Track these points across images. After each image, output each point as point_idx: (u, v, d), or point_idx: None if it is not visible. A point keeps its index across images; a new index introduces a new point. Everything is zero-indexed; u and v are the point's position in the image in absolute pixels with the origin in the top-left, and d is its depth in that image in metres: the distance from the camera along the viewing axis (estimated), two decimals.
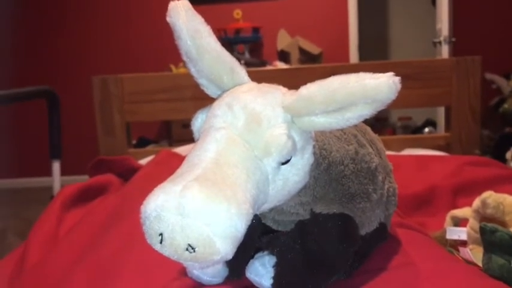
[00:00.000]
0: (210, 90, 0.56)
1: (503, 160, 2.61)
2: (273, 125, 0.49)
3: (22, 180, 4.24)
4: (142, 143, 3.70)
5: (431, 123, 4.23)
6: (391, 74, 0.45)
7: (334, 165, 0.58)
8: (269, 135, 0.48)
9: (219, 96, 0.54)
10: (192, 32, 0.52)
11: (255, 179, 0.47)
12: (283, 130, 0.48)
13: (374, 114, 0.48)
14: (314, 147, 0.54)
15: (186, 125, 3.52)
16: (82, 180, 1.32)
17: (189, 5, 0.53)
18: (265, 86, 0.54)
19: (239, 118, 0.49)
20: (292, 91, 0.52)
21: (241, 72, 0.55)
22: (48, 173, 2.22)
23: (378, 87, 0.45)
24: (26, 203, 3.57)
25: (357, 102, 0.46)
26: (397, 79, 0.45)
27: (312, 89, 0.48)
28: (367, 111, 0.47)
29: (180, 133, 3.60)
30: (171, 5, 0.52)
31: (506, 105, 3.34)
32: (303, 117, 0.49)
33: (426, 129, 4.21)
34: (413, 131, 4.44)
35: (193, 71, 0.54)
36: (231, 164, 0.46)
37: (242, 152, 0.47)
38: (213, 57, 0.53)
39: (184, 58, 0.53)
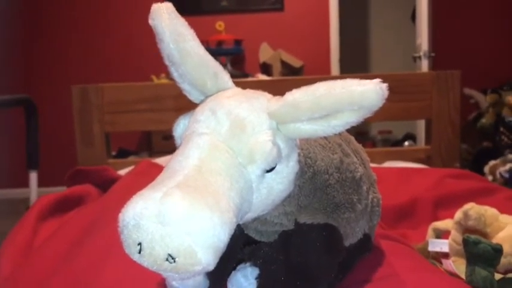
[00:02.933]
0: (193, 95, 0.54)
1: (482, 174, 2.65)
2: (258, 131, 0.48)
3: None
4: (122, 154, 3.65)
5: (411, 136, 4.28)
6: (378, 80, 0.44)
7: (319, 174, 0.56)
8: (254, 141, 0.47)
9: (202, 101, 0.52)
10: (175, 35, 0.50)
11: (239, 187, 0.45)
12: (268, 137, 0.47)
13: (355, 127, 0.47)
14: (299, 155, 0.53)
15: (167, 137, 3.49)
16: (60, 191, 1.28)
17: (172, 8, 0.51)
18: (250, 92, 0.52)
19: (223, 124, 0.48)
20: (278, 97, 0.51)
21: (225, 77, 0.54)
22: (24, 184, 2.16)
23: (365, 93, 0.44)
24: (2, 214, 3.48)
25: (343, 109, 0.45)
26: (384, 86, 0.44)
27: (298, 95, 0.47)
28: (353, 118, 0.46)
29: (161, 145, 3.57)
30: (154, 7, 0.51)
31: (484, 120, 3.40)
32: (288, 123, 0.48)
33: (406, 143, 4.25)
34: (393, 144, 4.48)
35: (175, 75, 0.52)
36: (214, 171, 0.44)
37: (226, 158, 0.46)
38: (196, 61, 0.51)
39: (167, 62, 0.52)
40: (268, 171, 0.48)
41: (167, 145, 3.37)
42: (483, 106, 3.51)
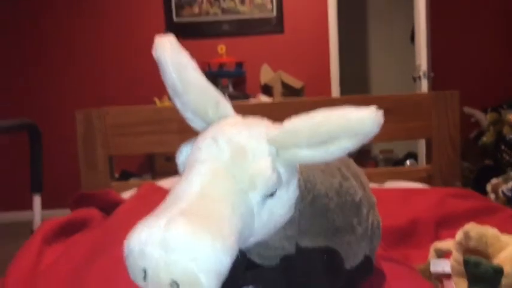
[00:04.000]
0: (195, 123, 0.56)
1: (484, 192, 2.64)
2: (258, 158, 0.49)
3: (2, 215, 4.14)
4: (125, 176, 3.66)
5: (413, 155, 4.28)
6: (374, 107, 0.46)
7: (319, 198, 0.58)
8: (254, 168, 0.48)
9: (204, 129, 0.54)
10: (178, 66, 0.52)
11: (240, 212, 0.47)
12: (268, 163, 0.48)
13: (359, 146, 0.48)
14: (299, 180, 0.54)
15: (170, 158, 3.49)
16: (63, 214, 1.29)
17: (175, 40, 0.53)
18: (250, 120, 0.54)
19: (224, 151, 0.49)
20: (277, 124, 0.52)
21: (226, 105, 0.56)
22: (29, 206, 2.17)
23: (361, 120, 0.45)
24: (6, 237, 3.47)
25: (340, 135, 0.47)
26: (380, 113, 0.46)
27: (297, 123, 0.48)
28: (351, 144, 0.47)
29: (164, 166, 3.57)
30: (157, 40, 0.53)
31: (485, 138, 3.40)
32: (287, 150, 0.50)
33: (407, 162, 4.25)
34: (395, 163, 4.48)
35: (178, 104, 0.54)
36: (216, 197, 0.46)
37: (227, 185, 0.47)
38: (198, 91, 0.53)
39: (170, 92, 0.54)
40: (268, 196, 0.49)
41: (170, 166, 3.35)
42: (484, 124, 3.52)
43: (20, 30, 4.14)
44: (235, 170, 0.48)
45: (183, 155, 0.53)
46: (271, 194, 0.49)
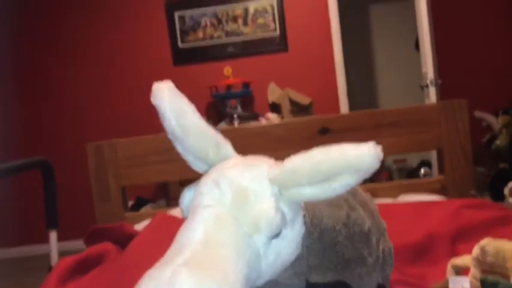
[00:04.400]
0: (197, 166, 0.56)
1: (502, 196, 2.61)
2: (261, 199, 0.49)
3: (21, 249, 4.17)
4: (140, 203, 3.67)
5: (426, 163, 4.24)
6: (372, 143, 0.46)
7: (327, 232, 0.57)
8: (257, 210, 0.48)
9: (206, 171, 0.54)
10: (176, 111, 0.53)
11: (246, 257, 0.47)
12: (271, 204, 0.48)
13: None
14: (304, 216, 0.54)
15: (183, 183, 3.50)
16: (79, 245, 1.30)
17: (172, 86, 0.54)
18: (251, 160, 0.54)
19: (226, 195, 0.49)
20: (278, 163, 0.52)
21: (226, 146, 0.56)
22: (45, 239, 2.19)
23: (360, 157, 0.45)
24: (24, 273, 3.50)
25: (341, 172, 0.47)
26: (379, 148, 0.46)
27: (296, 161, 0.49)
28: (352, 180, 0.47)
29: (177, 191, 3.54)
30: (155, 86, 0.53)
31: (498, 142, 3.37)
32: (290, 189, 0.50)
33: (422, 170, 4.22)
34: (408, 172, 4.44)
35: (179, 149, 0.55)
36: (220, 244, 0.46)
37: (231, 230, 0.47)
38: (197, 135, 0.54)
39: (170, 137, 0.54)
40: (274, 237, 0.49)
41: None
42: (496, 128, 3.49)
43: (29, 66, 4.21)
44: (239, 214, 0.48)
45: (186, 199, 0.53)
46: (277, 235, 0.49)
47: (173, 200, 3.41)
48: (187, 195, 0.53)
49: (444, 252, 1.13)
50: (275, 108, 4.04)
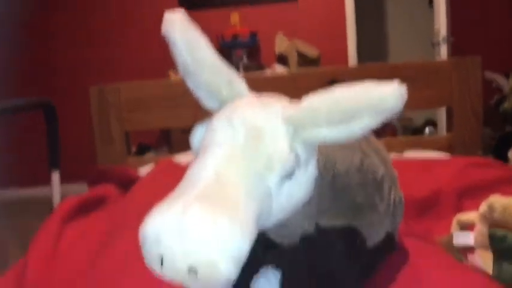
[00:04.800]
0: (209, 103, 0.54)
1: (506, 159, 2.60)
2: (275, 138, 0.47)
3: (22, 191, 4.22)
4: (142, 149, 3.68)
5: (432, 122, 4.22)
6: (397, 83, 0.43)
7: (339, 177, 0.56)
8: (271, 149, 0.46)
9: (218, 109, 0.52)
10: (188, 44, 0.50)
11: (257, 196, 0.45)
12: (285, 144, 0.46)
13: (381, 123, 0.46)
14: (318, 159, 0.52)
15: (186, 131, 3.49)
16: (82, 188, 1.30)
17: (185, 16, 0.51)
18: (265, 98, 0.52)
19: (239, 133, 0.47)
20: (294, 102, 0.50)
21: (240, 83, 0.53)
22: (47, 181, 2.20)
23: (384, 97, 0.43)
24: (26, 214, 3.54)
25: (362, 113, 0.44)
26: (404, 89, 0.43)
27: (315, 100, 0.46)
28: (373, 121, 0.45)
29: (180, 138, 3.58)
30: (166, 16, 0.50)
31: (506, 105, 3.32)
32: (305, 129, 0.47)
33: (427, 129, 4.20)
34: (413, 131, 4.43)
35: (190, 84, 0.52)
36: (232, 181, 0.44)
37: (243, 167, 0.45)
38: (210, 70, 0.51)
39: (181, 71, 0.51)
40: (286, 178, 0.47)
41: (186, 139, 3.35)
42: (505, 90, 3.44)
43: (35, 8, 4.12)
44: (251, 152, 0.46)
45: (197, 136, 0.51)
46: (289, 176, 0.47)
47: (176, 147, 3.42)
48: (199, 132, 0.50)
49: (450, 208, 1.13)
50: (282, 60, 3.97)
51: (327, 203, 0.55)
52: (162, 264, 0.41)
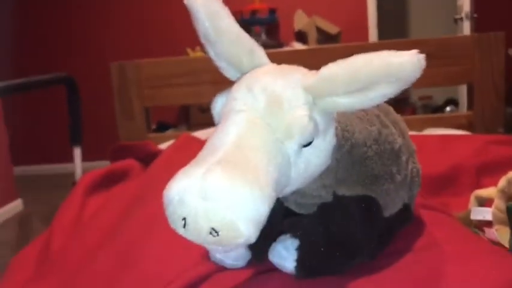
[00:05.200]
0: (229, 72, 0.55)
1: None
2: (294, 106, 0.48)
3: (44, 167, 4.31)
4: (161, 127, 3.72)
5: (453, 101, 4.16)
6: (415, 51, 0.44)
7: (357, 146, 0.56)
8: (290, 117, 0.47)
9: (239, 78, 0.53)
10: (210, 14, 0.51)
11: (277, 162, 0.46)
12: (305, 112, 0.47)
13: (399, 92, 0.46)
14: (336, 128, 0.53)
15: (204, 110, 3.52)
16: (103, 165, 1.33)
17: None
18: (285, 68, 0.52)
19: (259, 100, 0.48)
20: (313, 72, 0.51)
21: (260, 53, 0.54)
22: (69, 159, 2.24)
23: (402, 65, 0.43)
24: (49, 189, 3.63)
25: (380, 81, 0.45)
26: (422, 56, 0.44)
27: (334, 69, 0.47)
28: (390, 90, 0.45)
29: (198, 117, 3.61)
30: None
31: None
32: (324, 98, 0.48)
33: (448, 108, 4.14)
34: (434, 110, 4.38)
35: (211, 53, 0.53)
36: (252, 147, 0.45)
37: (263, 134, 0.46)
38: (231, 39, 0.52)
39: (203, 40, 0.52)
40: (305, 145, 0.49)
41: (205, 118, 3.41)
42: None
43: None
44: (271, 119, 0.47)
45: (218, 105, 0.52)
46: (308, 143, 0.49)
47: (194, 126, 3.45)
48: (220, 101, 0.52)
49: (468, 184, 1.13)
50: (301, 37, 3.94)
51: (345, 172, 0.56)
52: (184, 225, 0.42)
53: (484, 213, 0.87)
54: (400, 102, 4.38)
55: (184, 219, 0.42)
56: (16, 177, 3.35)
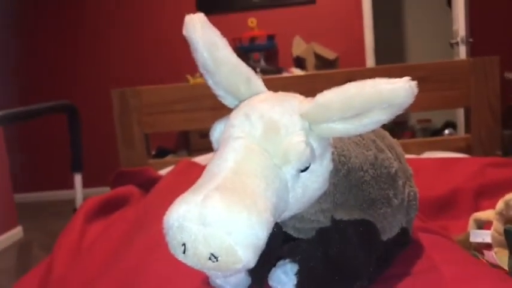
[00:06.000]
0: (227, 100, 0.56)
1: None
2: (291, 132, 0.49)
3: (44, 194, 4.30)
4: (161, 153, 3.72)
5: (451, 124, 4.18)
6: (407, 78, 0.45)
7: (354, 171, 0.57)
8: (287, 143, 0.48)
9: (237, 106, 0.54)
10: (209, 44, 0.52)
11: (275, 187, 0.47)
12: (301, 137, 0.48)
13: (393, 118, 0.48)
14: (333, 153, 0.54)
15: (204, 135, 3.53)
16: (104, 192, 1.33)
17: (205, 18, 0.53)
18: (281, 95, 0.54)
19: (257, 127, 0.50)
20: (309, 99, 0.52)
21: (257, 81, 0.56)
22: (70, 185, 2.25)
23: (394, 92, 0.45)
24: (50, 216, 3.62)
25: (373, 107, 0.46)
26: (414, 83, 0.45)
27: (329, 96, 0.48)
28: (384, 116, 0.47)
29: (198, 143, 3.62)
30: (187, 18, 0.53)
31: None
32: (320, 124, 0.50)
33: (446, 131, 4.16)
34: (432, 133, 4.40)
35: (210, 82, 0.55)
36: (250, 173, 0.46)
37: (261, 160, 0.48)
38: (229, 69, 0.53)
39: (201, 70, 0.54)
40: (302, 170, 0.50)
41: (204, 143, 3.40)
42: None
43: (58, 12, 4.22)
44: (269, 146, 0.49)
45: (216, 132, 0.53)
46: (305, 169, 0.50)
47: (194, 151, 3.46)
48: (218, 128, 0.53)
49: (467, 207, 1.13)
50: (299, 62, 3.99)
51: (342, 196, 0.57)
52: (184, 251, 0.43)
53: (483, 236, 0.87)
54: (398, 126, 4.40)
55: (184, 244, 0.43)
56: (16, 205, 3.34)
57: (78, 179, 2.02)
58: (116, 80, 3.96)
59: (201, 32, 0.52)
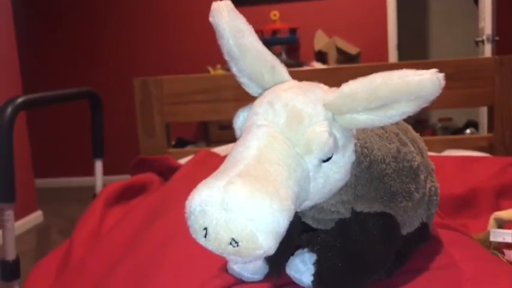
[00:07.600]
0: (251, 88, 0.56)
1: None
2: (314, 122, 0.49)
3: (65, 180, 4.37)
4: (181, 143, 3.75)
5: (473, 124, 4.12)
6: (434, 70, 0.45)
7: (376, 163, 0.57)
8: (310, 132, 0.48)
9: (260, 94, 0.54)
10: (234, 31, 0.53)
11: (296, 176, 0.47)
12: (325, 127, 0.48)
13: (414, 115, 0.47)
14: (355, 145, 0.54)
15: (223, 127, 3.55)
16: (124, 179, 1.35)
17: (231, 5, 0.54)
18: (306, 84, 0.54)
19: (280, 116, 0.50)
20: (334, 88, 0.52)
21: (282, 70, 0.56)
22: (90, 172, 2.28)
23: (422, 83, 0.44)
24: (69, 202, 3.68)
25: (399, 99, 0.46)
26: (441, 75, 0.44)
27: (354, 86, 0.48)
28: (410, 108, 0.46)
29: (217, 134, 3.64)
30: (214, 5, 0.53)
31: None
32: (344, 114, 0.49)
33: (467, 131, 4.10)
34: (453, 132, 4.34)
35: (235, 70, 0.55)
36: (272, 161, 0.46)
37: (283, 149, 0.48)
38: (254, 56, 0.54)
39: (226, 57, 0.54)
40: (324, 161, 0.49)
41: (223, 135, 3.44)
42: None
43: (81, 3, 4.26)
44: (292, 134, 0.49)
45: (240, 119, 0.53)
46: (328, 159, 0.50)
47: (213, 143, 3.47)
48: (241, 116, 0.53)
49: (487, 206, 1.12)
50: (321, 57, 3.97)
51: (363, 188, 0.57)
52: (205, 235, 0.44)
53: (503, 235, 0.86)
54: (419, 124, 4.36)
55: (205, 229, 0.43)
56: (37, 190, 3.40)
57: (98, 165, 2.04)
58: (138, 70, 3.99)
59: (227, 18, 0.52)
